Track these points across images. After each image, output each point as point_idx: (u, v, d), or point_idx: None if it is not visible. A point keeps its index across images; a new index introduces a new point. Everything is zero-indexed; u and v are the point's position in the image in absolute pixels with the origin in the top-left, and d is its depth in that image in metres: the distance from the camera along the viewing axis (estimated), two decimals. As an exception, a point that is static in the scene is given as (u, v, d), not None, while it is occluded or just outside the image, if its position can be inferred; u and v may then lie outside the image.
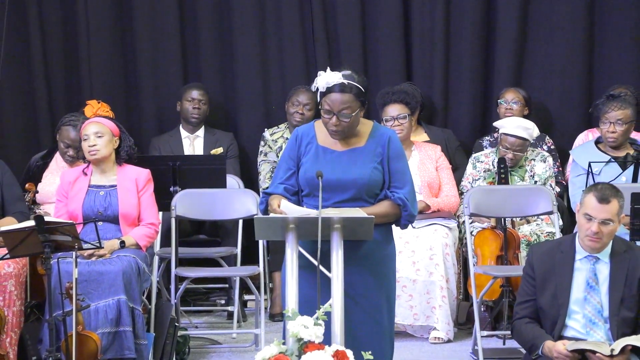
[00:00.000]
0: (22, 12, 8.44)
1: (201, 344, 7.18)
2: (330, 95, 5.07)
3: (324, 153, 5.15)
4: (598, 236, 5.18)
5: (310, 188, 5.10)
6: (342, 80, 5.06)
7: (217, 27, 8.65)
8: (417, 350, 7.01)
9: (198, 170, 7.34)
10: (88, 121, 6.78)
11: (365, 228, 4.94)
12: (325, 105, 5.09)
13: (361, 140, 5.18)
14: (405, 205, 5.13)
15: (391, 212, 5.14)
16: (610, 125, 7.32)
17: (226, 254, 7.60)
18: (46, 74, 8.53)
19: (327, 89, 5.08)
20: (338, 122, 5.07)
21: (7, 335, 6.39)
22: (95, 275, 6.40)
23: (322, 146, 5.17)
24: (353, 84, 5.07)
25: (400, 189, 5.12)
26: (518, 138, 7.42)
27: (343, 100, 5.05)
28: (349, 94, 5.06)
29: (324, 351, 4.67)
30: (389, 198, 5.13)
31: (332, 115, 5.07)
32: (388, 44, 8.56)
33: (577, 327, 5.22)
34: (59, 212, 6.69)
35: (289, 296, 4.88)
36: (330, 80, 5.07)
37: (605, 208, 5.15)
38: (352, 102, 5.07)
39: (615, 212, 5.17)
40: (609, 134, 7.33)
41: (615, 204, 5.17)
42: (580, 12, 8.46)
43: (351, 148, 5.16)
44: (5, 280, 6.45)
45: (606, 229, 5.17)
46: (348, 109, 5.06)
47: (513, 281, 7.01)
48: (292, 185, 5.17)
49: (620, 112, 7.32)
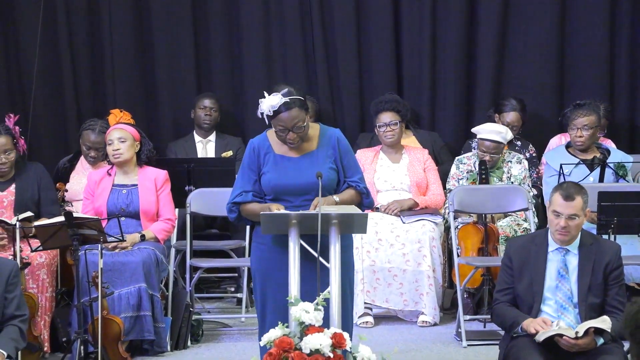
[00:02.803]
0: (53, 31, 8.43)
1: (213, 327, 7.19)
2: (280, 116, 5.02)
3: (282, 160, 5.12)
4: (566, 230, 5.19)
5: (276, 194, 5.09)
6: (284, 99, 5.01)
7: (227, 43, 8.62)
8: (407, 332, 7.02)
9: (210, 171, 7.36)
10: (112, 127, 6.82)
11: (361, 223, 4.94)
12: (278, 126, 5.05)
13: (312, 144, 5.16)
14: (367, 194, 5.18)
15: (355, 199, 5.15)
16: (578, 130, 7.36)
17: (235, 246, 7.59)
18: (74, 85, 8.52)
19: (274, 112, 5.02)
20: (295, 135, 5.05)
21: (40, 318, 6.43)
22: (118, 265, 6.43)
23: (279, 155, 5.14)
24: (294, 98, 5.03)
25: (354, 176, 5.14)
26: (492, 142, 7.41)
27: (292, 116, 5.02)
28: (295, 109, 5.02)
29: (323, 333, 4.71)
30: (353, 187, 5.15)
31: (287, 131, 5.04)
32: (380, 57, 8.54)
33: (549, 311, 5.22)
34: (86, 209, 6.71)
35: (291, 284, 4.86)
36: (273, 104, 5.02)
37: (571, 204, 5.17)
38: (299, 114, 5.04)
39: (580, 207, 5.18)
40: (577, 138, 7.37)
41: (579, 201, 5.18)
42: (552, 30, 8.45)
43: (305, 153, 5.14)
44: (38, 270, 6.49)
45: (573, 223, 5.19)
46: (299, 121, 5.03)
47: (493, 271, 7.02)
48: (258, 192, 5.14)
49: (586, 119, 7.36)
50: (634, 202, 6.20)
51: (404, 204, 7.34)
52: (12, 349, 5.25)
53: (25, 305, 5.43)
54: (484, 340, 6.63)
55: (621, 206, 6.18)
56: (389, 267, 7.17)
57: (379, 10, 8.52)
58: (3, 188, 6.75)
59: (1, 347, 5.19)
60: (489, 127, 7.49)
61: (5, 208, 6.68)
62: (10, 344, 5.24)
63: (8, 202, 6.71)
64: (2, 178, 6.75)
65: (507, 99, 8.06)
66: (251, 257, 5.25)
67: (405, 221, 7.27)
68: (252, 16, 8.55)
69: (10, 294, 5.32)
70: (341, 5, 8.52)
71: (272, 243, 5.05)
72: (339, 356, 4.69)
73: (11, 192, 6.74)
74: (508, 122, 7.86)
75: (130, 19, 8.60)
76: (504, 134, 7.43)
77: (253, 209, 5.10)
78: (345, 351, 4.72)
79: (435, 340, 6.79)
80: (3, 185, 6.76)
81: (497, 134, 7.40)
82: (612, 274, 5.22)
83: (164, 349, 6.55)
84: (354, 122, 8.51)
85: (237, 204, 5.15)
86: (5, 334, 5.27)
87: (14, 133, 6.74)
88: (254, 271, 5.21)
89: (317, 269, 4.82)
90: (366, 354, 4.74)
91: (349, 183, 5.16)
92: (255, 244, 5.20)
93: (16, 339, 5.29)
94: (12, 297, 5.32)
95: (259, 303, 5.16)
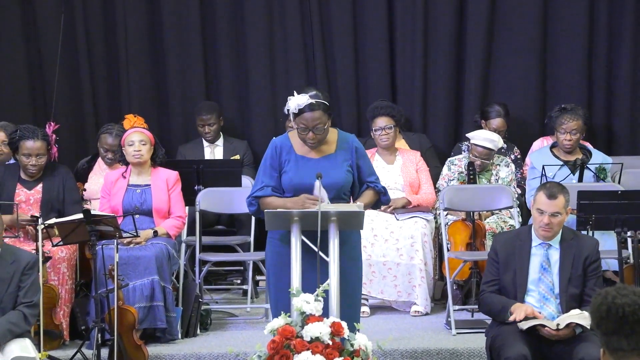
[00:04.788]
0: (73, 44, 8.43)
1: (221, 316, 7.19)
2: (303, 115, 5.03)
3: (302, 161, 5.13)
4: (549, 226, 5.21)
5: (295, 191, 5.09)
6: (311, 101, 5.01)
7: (234, 52, 8.61)
8: (400, 321, 7.02)
9: (218, 172, 7.34)
10: (133, 130, 6.81)
11: (357, 220, 4.96)
12: (300, 124, 5.05)
13: (331, 147, 5.16)
14: (385, 192, 5.20)
15: (374, 199, 5.18)
16: (567, 134, 7.37)
17: (241, 241, 7.59)
18: (92, 93, 8.51)
19: (299, 110, 5.03)
20: (314, 136, 5.06)
21: (60, 308, 6.44)
22: (132, 259, 6.43)
23: (300, 155, 5.14)
24: (320, 101, 5.04)
25: (371, 177, 5.16)
26: (485, 148, 7.42)
27: (314, 117, 5.03)
28: (318, 111, 5.02)
29: (322, 322, 4.72)
30: (372, 188, 5.16)
31: (308, 131, 5.05)
32: (376, 66, 8.54)
33: (533, 302, 5.23)
34: (103, 207, 6.72)
35: (293, 277, 4.88)
36: (300, 102, 5.02)
37: (554, 203, 5.18)
38: (322, 117, 5.04)
39: (562, 205, 5.20)
40: (565, 142, 7.37)
41: (561, 199, 5.19)
42: (534, 41, 8.45)
43: (324, 155, 5.14)
44: (59, 263, 6.51)
45: (555, 220, 5.21)
46: (320, 123, 5.04)
47: (480, 264, 7.01)
48: (277, 188, 5.15)
49: (575, 123, 7.38)
50: (611, 201, 6.21)
51: (397, 202, 7.35)
52: (5, 332, 5.18)
53: (35, 292, 5.37)
54: (471, 329, 6.63)
55: (599, 204, 6.19)
56: (383, 260, 7.18)
57: (375, 24, 8.52)
58: (31, 187, 6.77)
59: None
60: (483, 134, 7.50)
61: (32, 205, 6.71)
62: (5, 327, 5.19)
63: (35, 200, 6.73)
64: (31, 178, 6.78)
65: (491, 106, 8.07)
66: (266, 251, 5.27)
67: (399, 218, 7.29)
68: (257, 30, 8.55)
69: (23, 283, 5.32)
70: (340, 20, 8.53)
71: (284, 238, 5.06)
72: (337, 343, 4.71)
73: (38, 191, 6.75)
74: (494, 128, 7.88)
75: (144, 32, 8.60)
76: (497, 142, 7.45)
77: (271, 202, 5.10)
78: (343, 339, 4.74)
79: (427, 329, 6.79)
80: (31, 184, 6.77)
81: (490, 142, 7.41)
82: (590, 267, 5.24)
83: (175, 337, 6.55)
84: (350, 127, 8.50)
85: (256, 198, 5.14)
86: (4, 318, 5.23)
87: (49, 140, 6.76)
88: (268, 264, 5.23)
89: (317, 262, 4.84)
90: (362, 342, 4.76)
91: (368, 184, 5.17)
92: (270, 238, 5.21)
93: (15, 323, 5.23)
94: (24, 285, 5.31)
95: (272, 293, 5.16)
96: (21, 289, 5.30)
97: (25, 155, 6.69)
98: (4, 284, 5.28)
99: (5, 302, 5.28)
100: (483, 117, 8.05)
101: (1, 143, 7.33)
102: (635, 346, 2.93)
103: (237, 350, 6.10)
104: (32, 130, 6.72)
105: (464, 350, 6.30)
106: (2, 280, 5.27)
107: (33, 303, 5.33)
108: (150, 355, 6.22)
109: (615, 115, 8.56)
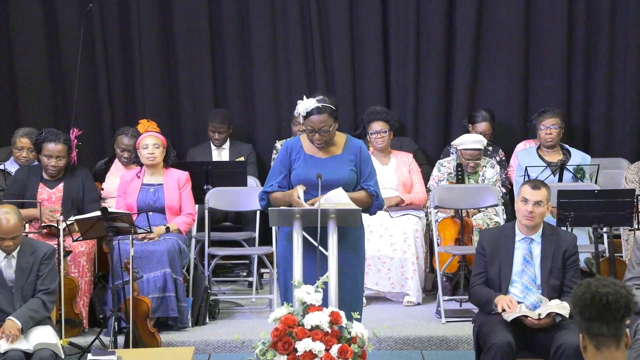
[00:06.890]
0: (91, 53, 8.45)
1: (228, 306, 7.19)
2: (311, 117, 5.05)
3: (311, 159, 5.13)
4: (532, 215, 5.20)
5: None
6: (318, 104, 5.03)
7: (241, 63, 8.61)
8: (394, 311, 7.02)
9: (225, 172, 7.35)
10: (147, 134, 6.80)
11: (354, 217, 4.95)
12: (308, 126, 5.07)
13: (338, 149, 5.17)
14: (377, 196, 5.17)
15: (366, 200, 5.14)
16: (547, 129, 7.42)
17: (246, 237, 7.58)
18: (109, 100, 8.54)
19: (307, 113, 5.05)
20: (320, 137, 5.07)
21: (80, 298, 6.45)
22: (146, 253, 6.44)
23: (309, 154, 5.15)
24: (326, 105, 5.05)
25: (370, 181, 5.15)
26: (475, 149, 7.42)
27: (321, 120, 5.04)
28: (324, 114, 5.04)
29: (322, 312, 4.72)
30: (366, 190, 5.15)
31: (314, 132, 5.06)
32: (371, 74, 8.56)
33: (516, 292, 5.23)
34: (119, 205, 6.72)
35: (295, 270, 4.87)
36: (308, 106, 5.04)
37: (537, 192, 5.20)
38: (328, 120, 5.06)
39: (545, 196, 5.21)
40: (546, 136, 7.42)
41: (544, 191, 5.22)
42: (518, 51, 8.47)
43: (332, 155, 5.15)
44: (79, 257, 6.51)
45: (538, 209, 5.20)
46: (326, 125, 5.05)
47: (468, 258, 7.02)
48: (284, 185, 5.15)
49: (553, 119, 7.44)
50: (588, 199, 6.22)
51: (391, 200, 7.35)
52: (28, 319, 5.17)
53: (52, 280, 5.34)
54: (460, 317, 6.64)
55: (577, 202, 6.19)
56: (378, 255, 7.18)
57: (371, 37, 8.55)
58: (53, 186, 6.78)
59: (17, 318, 5.15)
60: (469, 137, 7.51)
61: (54, 203, 6.72)
62: (27, 314, 5.18)
63: (56, 198, 6.74)
64: (52, 178, 6.78)
65: (477, 111, 8.10)
66: (277, 245, 5.27)
67: (393, 215, 7.28)
68: (262, 43, 8.58)
69: (41, 272, 5.31)
70: (338, 33, 8.55)
71: (292, 233, 5.05)
72: (336, 331, 4.70)
73: (59, 190, 6.77)
74: (480, 131, 7.90)
75: (157, 45, 8.62)
76: (483, 141, 7.51)
77: (275, 197, 5.12)
78: (342, 327, 4.73)
79: (419, 318, 6.79)
80: (53, 183, 6.78)
81: (478, 143, 7.44)
82: (569, 260, 5.23)
83: (186, 325, 6.56)
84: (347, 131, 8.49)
85: (266, 193, 5.17)
86: (26, 306, 5.23)
87: (71, 144, 6.77)
88: (278, 256, 5.24)
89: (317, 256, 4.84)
90: (359, 330, 4.75)
91: (362, 186, 5.16)
92: (280, 233, 5.22)
93: (36, 310, 5.22)
94: (42, 274, 5.31)
95: (282, 284, 5.16)
96: (39, 277, 5.30)
97: (46, 156, 6.71)
98: (25, 274, 5.28)
99: (27, 290, 5.28)
100: (470, 121, 8.07)
101: (27, 149, 7.34)
102: (614, 332, 2.94)
103: (243, 337, 6.13)
104: (56, 134, 6.73)
105: (452, 337, 6.31)
106: (23, 270, 5.27)
107: (50, 290, 5.32)
108: (163, 341, 6.23)
109: (592, 119, 8.59)
